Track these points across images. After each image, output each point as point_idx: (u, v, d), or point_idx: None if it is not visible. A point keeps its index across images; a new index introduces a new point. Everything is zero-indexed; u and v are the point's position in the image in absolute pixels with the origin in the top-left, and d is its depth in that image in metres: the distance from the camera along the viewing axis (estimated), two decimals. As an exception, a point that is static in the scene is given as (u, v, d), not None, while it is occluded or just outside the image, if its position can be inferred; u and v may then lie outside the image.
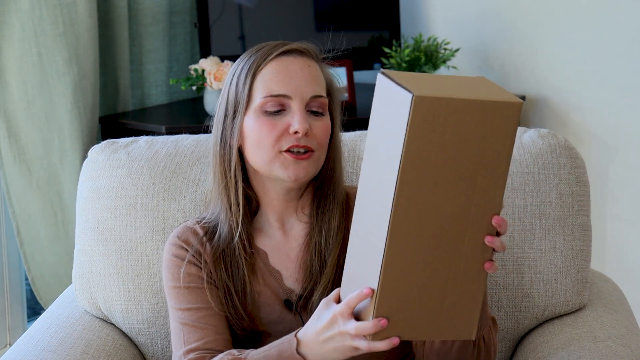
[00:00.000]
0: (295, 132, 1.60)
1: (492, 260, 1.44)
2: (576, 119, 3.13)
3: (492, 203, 1.42)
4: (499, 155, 1.40)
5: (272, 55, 1.64)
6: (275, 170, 1.63)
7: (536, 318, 1.88)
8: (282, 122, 1.62)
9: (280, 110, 1.62)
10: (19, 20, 2.82)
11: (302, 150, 1.61)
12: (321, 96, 1.64)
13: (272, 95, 1.62)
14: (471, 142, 1.39)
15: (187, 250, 1.70)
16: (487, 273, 1.44)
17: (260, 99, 1.63)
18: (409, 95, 1.34)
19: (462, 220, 1.41)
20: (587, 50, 3.08)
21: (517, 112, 1.40)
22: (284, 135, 1.61)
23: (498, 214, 1.42)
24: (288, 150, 1.61)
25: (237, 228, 1.68)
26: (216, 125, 1.69)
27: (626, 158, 3.06)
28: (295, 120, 1.61)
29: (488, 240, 1.41)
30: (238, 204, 1.68)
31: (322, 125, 1.64)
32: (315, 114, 1.64)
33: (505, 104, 1.39)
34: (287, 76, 1.63)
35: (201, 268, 1.69)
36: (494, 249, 1.43)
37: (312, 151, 1.62)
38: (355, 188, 1.75)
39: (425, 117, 1.36)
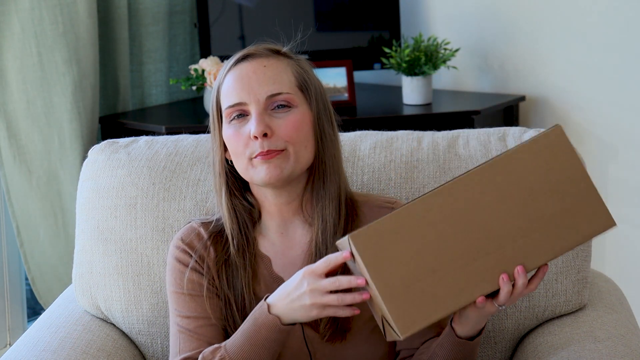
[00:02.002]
0: (255, 137, 1.61)
1: (487, 298, 1.46)
2: (576, 119, 3.13)
3: (531, 253, 1.45)
4: (571, 234, 1.46)
5: (229, 66, 1.68)
6: (252, 176, 1.64)
7: (536, 318, 1.88)
8: (245, 130, 1.63)
9: (246, 116, 1.64)
10: (19, 20, 2.82)
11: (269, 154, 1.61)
12: (279, 93, 1.64)
13: (230, 106, 1.65)
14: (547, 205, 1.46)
15: (190, 256, 1.70)
16: (468, 299, 1.44)
17: (224, 111, 1.66)
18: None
19: (493, 243, 1.44)
20: (587, 50, 3.08)
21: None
22: (249, 142, 1.63)
23: (528, 268, 1.45)
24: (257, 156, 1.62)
25: (234, 241, 1.69)
26: (210, 139, 1.73)
27: (626, 158, 3.06)
28: (252, 124, 1.62)
29: (504, 278, 1.44)
30: (229, 218, 1.69)
31: (286, 122, 1.63)
32: (282, 107, 1.64)
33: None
34: (240, 83, 1.64)
35: (203, 275, 1.69)
36: (496, 294, 1.46)
37: (282, 150, 1.62)
38: (364, 196, 1.74)
39: (553, 144, 1.46)
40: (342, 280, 1.45)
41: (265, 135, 1.61)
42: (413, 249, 1.42)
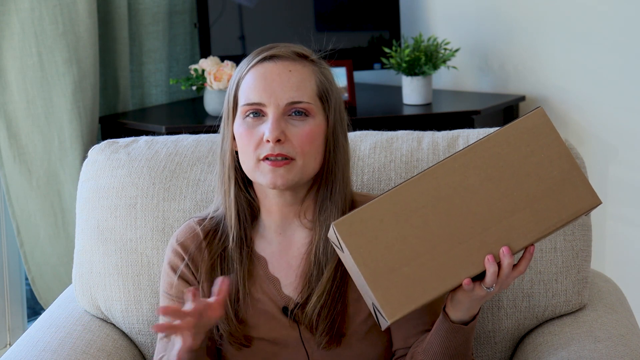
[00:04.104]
0: (268, 141, 1.60)
1: (474, 281, 1.46)
2: (576, 119, 3.13)
3: (516, 234, 1.45)
4: (556, 212, 1.46)
5: (253, 62, 1.65)
6: (257, 177, 1.63)
7: (536, 318, 1.88)
8: (259, 131, 1.62)
9: (262, 116, 1.63)
10: (19, 20, 2.82)
11: (279, 158, 1.60)
12: (300, 102, 1.62)
13: (248, 104, 1.63)
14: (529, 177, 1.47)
15: (182, 259, 1.70)
16: (454, 282, 1.45)
17: (241, 107, 1.64)
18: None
19: (477, 225, 1.44)
20: (588, 50, 3.08)
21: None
22: (261, 144, 1.61)
23: (514, 249, 1.45)
24: (266, 158, 1.61)
25: (232, 233, 1.68)
26: (220, 128, 1.71)
27: (626, 158, 3.06)
28: (267, 128, 1.61)
29: (489, 259, 1.44)
30: (234, 210, 1.68)
31: (301, 131, 1.61)
32: (299, 114, 1.62)
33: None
34: (263, 83, 1.62)
35: (192, 281, 1.69)
36: (484, 277, 1.45)
37: (292, 159, 1.61)
38: (364, 196, 1.74)
39: (535, 126, 1.46)
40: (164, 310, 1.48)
41: (278, 140, 1.60)
42: (397, 234, 1.44)
